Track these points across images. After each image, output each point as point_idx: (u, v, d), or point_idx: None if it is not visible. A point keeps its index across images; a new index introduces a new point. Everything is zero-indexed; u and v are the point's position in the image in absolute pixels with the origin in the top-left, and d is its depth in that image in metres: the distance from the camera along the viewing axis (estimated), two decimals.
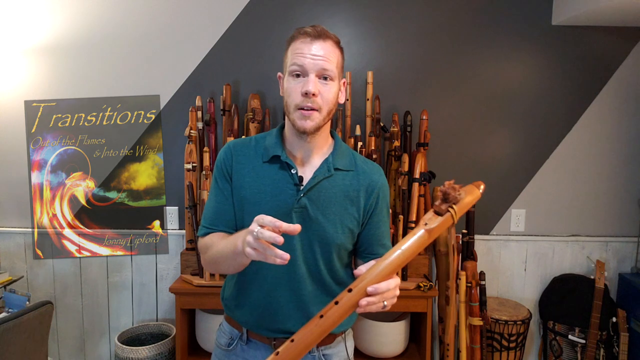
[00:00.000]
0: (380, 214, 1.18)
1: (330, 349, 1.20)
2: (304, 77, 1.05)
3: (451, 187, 0.89)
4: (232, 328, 1.22)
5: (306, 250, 1.12)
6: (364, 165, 1.18)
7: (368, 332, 2.15)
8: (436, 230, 0.89)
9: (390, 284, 0.88)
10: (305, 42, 1.06)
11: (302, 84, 1.05)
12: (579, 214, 2.46)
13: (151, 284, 2.49)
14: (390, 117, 2.31)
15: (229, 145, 1.18)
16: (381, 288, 0.87)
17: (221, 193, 1.15)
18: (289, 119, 1.10)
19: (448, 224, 0.89)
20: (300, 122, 1.06)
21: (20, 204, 2.45)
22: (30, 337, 1.72)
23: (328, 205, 1.11)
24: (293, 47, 1.08)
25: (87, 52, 2.35)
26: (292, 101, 1.07)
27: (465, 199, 0.89)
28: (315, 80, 1.04)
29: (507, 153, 2.43)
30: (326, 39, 1.07)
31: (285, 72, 1.11)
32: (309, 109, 1.05)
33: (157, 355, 2.15)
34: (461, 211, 0.90)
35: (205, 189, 2.16)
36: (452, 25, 2.35)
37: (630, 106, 2.40)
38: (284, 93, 1.11)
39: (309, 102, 1.05)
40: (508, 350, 2.26)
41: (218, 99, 2.34)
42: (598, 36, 2.34)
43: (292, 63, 1.06)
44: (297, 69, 1.05)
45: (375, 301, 0.87)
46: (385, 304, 0.90)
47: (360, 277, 0.89)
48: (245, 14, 2.34)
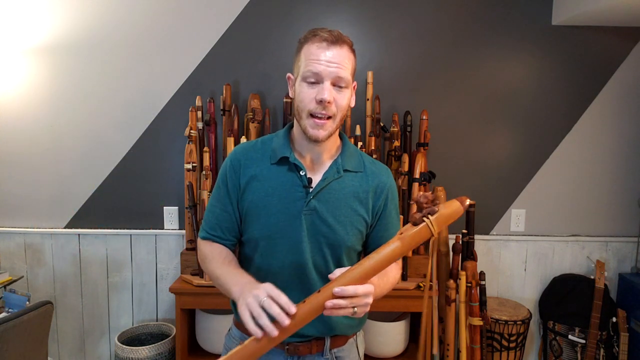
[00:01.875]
0: (390, 215, 1.18)
1: (343, 351, 1.19)
2: (318, 83, 1.03)
3: (422, 196, 0.89)
4: (242, 333, 1.20)
5: (315, 253, 1.10)
6: (372, 166, 1.18)
7: (368, 332, 2.15)
8: (409, 240, 0.89)
9: (358, 289, 0.89)
10: (322, 48, 1.03)
11: (317, 91, 1.02)
12: (579, 214, 2.46)
13: (151, 284, 2.49)
14: (390, 117, 2.31)
15: (235, 152, 1.16)
16: (348, 291, 0.88)
17: (224, 199, 1.14)
18: (300, 125, 1.08)
19: (424, 234, 0.89)
20: (312, 131, 1.05)
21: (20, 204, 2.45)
22: (30, 337, 1.71)
23: (338, 207, 1.10)
24: (307, 50, 1.04)
25: (87, 52, 2.35)
26: (305, 107, 1.04)
27: (442, 211, 0.89)
28: (330, 88, 1.03)
29: (507, 153, 2.43)
30: (342, 45, 1.04)
31: (297, 75, 1.08)
32: (322, 117, 1.04)
33: (157, 355, 2.15)
34: (440, 223, 0.89)
35: (205, 189, 2.16)
36: (452, 25, 2.35)
37: (630, 106, 2.40)
38: (296, 97, 1.08)
39: (324, 109, 1.03)
40: (508, 350, 2.26)
41: (218, 99, 2.34)
42: (598, 36, 2.34)
43: (307, 69, 1.03)
44: (312, 76, 1.03)
45: (342, 304, 0.88)
46: (355, 310, 0.89)
47: (332, 281, 0.90)
48: (245, 14, 2.34)
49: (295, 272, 1.09)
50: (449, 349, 2.15)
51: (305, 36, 1.07)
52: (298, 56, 1.08)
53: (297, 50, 1.08)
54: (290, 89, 1.12)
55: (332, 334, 1.16)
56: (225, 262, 1.10)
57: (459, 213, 0.91)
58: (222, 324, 2.13)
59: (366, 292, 0.90)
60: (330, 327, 1.14)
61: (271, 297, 0.87)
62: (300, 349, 1.15)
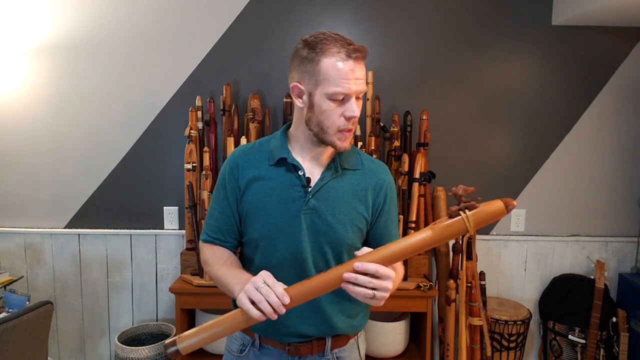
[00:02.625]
0: (389, 211, 1.18)
1: (344, 351, 1.19)
2: (346, 101, 1.02)
3: (461, 189, 0.88)
4: (243, 334, 1.20)
5: (316, 252, 1.10)
6: (370, 164, 1.18)
7: (368, 332, 2.15)
8: (440, 231, 0.88)
9: (379, 268, 0.88)
10: (348, 65, 0.99)
11: (344, 109, 1.02)
12: (579, 214, 2.46)
13: (151, 284, 2.49)
14: (390, 117, 2.31)
15: (233, 155, 1.16)
16: (369, 267, 0.88)
17: (223, 202, 1.15)
18: (325, 140, 1.06)
19: (458, 228, 0.87)
20: (341, 144, 1.06)
21: (20, 204, 2.45)
22: (30, 337, 1.71)
23: (337, 206, 1.10)
24: (334, 64, 0.99)
25: (87, 52, 2.35)
26: (333, 124, 1.03)
27: (482, 208, 0.86)
28: (356, 103, 1.04)
29: (507, 153, 2.43)
30: (365, 58, 1.04)
31: (315, 87, 1.02)
32: (350, 130, 1.06)
33: (157, 355, 2.15)
34: (478, 220, 0.86)
35: (205, 189, 2.16)
36: (452, 26, 2.35)
37: (630, 106, 2.40)
38: (318, 113, 1.03)
39: (352, 125, 1.05)
40: (508, 350, 2.26)
41: (218, 99, 2.34)
42: (598, 36, 2.34)
43: (337, 90, 0.99)
44: (343, 96, 1.01)
45: (362, 280, 0.88)
46: (374, 293, 0.89)
47: (355, 258, 0.91)
48: (245, 14, 2.34)
49: (295, 272, 1.09)
50: (449, 349, 2.15)
51: (322, 47, 1.00)
52: (316, 68, 1.00)
53: (311, 60, 1.01)
54: (298, 99, 1.07)
55: (333, 334, 1.16)
56: (227, 263, 1.11)
57: (501, 215, 0.86)
58: None
59: (387, 274, 0.90)
60: (332, 327, 1.14)
61: (267, 285, 0.91)
62: (301, 350, 1.15)
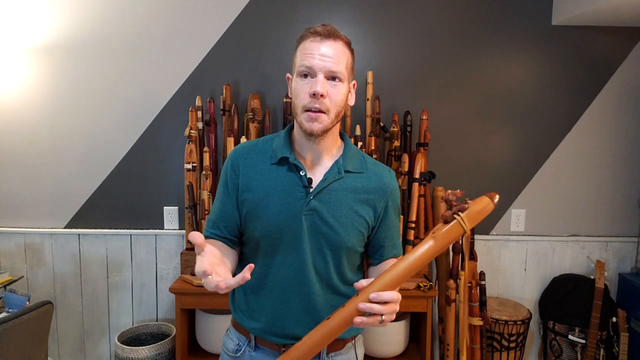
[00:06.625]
0: (392, 216, 1.17)
1: (341, 355, 1.18)
2: (312, 77, 1.03)
3: (450, 194, 0.89)
4: (239, 334, 1.19)
5: (316, 254, 1.09)
6: (374, 167, 1.17)
7: (368, 332, 2.15)
8: (442, 238, 0.89)
9: (393, 295, 0.88)
10: (315, 42, 1.03)
11: (310, 85, 1.02)
12: (579, 214, 2.46)
13: (151, 284, 2.49)
14: (390, 117, 2.31)
15: (235, 152, 1.16)
16: (384, 296, 0.87)
17: (224, 198, 1.15)
18: (297, 121, 1.08)
19: (456, 231, 0.89)
20: (307, 125, 1.04)
21: (20, 204, 2.45)
22: (30, 337, 1.71)
23: (338, 208, 1.09)
24: (302, 46, 1.05)
25: (88, 52, 2.35)
26: (300, 102, 1.04)
27: (473, 207, 0.89)
28: (323, 81, 1.02)
29: (507, 153, 2.43)
30: (336, 39, 1.05)
31: (293, 73, 1.08)
32: (316, 111, 1.03)
33: (157, 355, 2.15)
34: (472, 219, 0.89)
35: (205, 189, 2.16)
36: (452, 25, 2.35)
37: (630, 106, 2.40)
38: (292, 94, 1.08)
39: (317, 103, 1.02)
40: (508, 350, 2.26)
41: (218, 99, 2.34)
42: (598, 36, 2.34)
43: (301, 64, 1.04)
44: (305, 70, 1.03)
45: (376, 309, 0.87)
46: (383, 318, 0.88)
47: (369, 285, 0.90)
48: (245, 14, 2.34)
49: (294, 272, 1.09)
50: (449, 349, 2.15)
51: (301, 34, 1.08)
52: (295, 54, 1.09)
53: (295, 48, 1.09)
54: (290, 89, 1.12)
55: None
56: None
57: (490, 209, 0.90)
58: (221, 324, 2.13)
59: (398, 299, 0.90)
60: None
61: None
62: None
